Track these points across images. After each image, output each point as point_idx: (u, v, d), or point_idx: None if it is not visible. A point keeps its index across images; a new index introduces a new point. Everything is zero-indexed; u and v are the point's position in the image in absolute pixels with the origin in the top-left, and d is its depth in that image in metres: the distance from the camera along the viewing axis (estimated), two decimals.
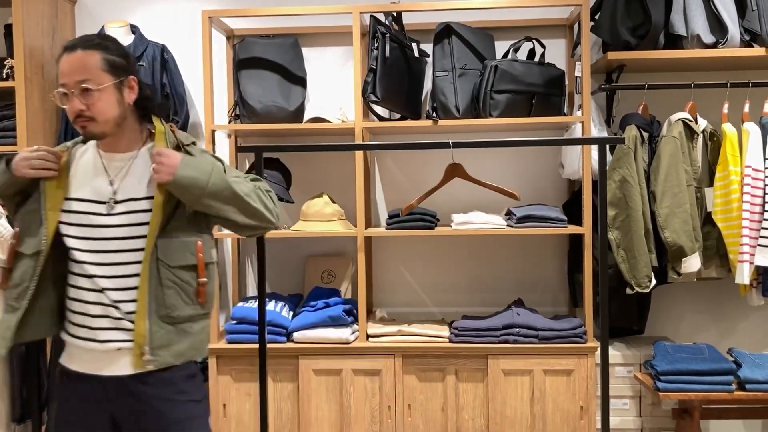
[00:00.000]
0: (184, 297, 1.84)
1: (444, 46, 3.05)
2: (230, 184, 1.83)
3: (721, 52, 2.95)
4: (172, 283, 1.82)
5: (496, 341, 2.93)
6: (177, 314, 1.82)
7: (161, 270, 1.80)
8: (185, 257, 1.83)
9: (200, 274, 1.85)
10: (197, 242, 1.85)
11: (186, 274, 1.84)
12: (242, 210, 1.86)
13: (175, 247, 1.82)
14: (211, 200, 1.81)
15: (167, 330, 1.81)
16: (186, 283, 1.84)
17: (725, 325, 3.34)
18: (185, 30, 3.42)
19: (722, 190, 2.96)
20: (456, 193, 3.14)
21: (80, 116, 1.79)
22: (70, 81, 1.78)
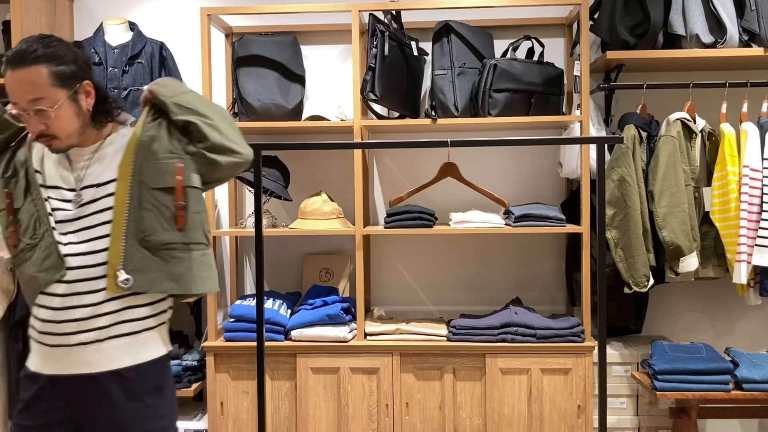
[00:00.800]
0: (163, 222, 1.77)
1: (443, 44, 3.05)
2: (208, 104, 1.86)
3: (719, 52, 2.95)
4: (151, 205, 1.76)
5: (493, 340, 2.93)
6: (153, 239, 1.76)
7: (143, 192, 1.76)
8: (164, 179, 1.77)
9: (177, 196, 1.78)
10: (177, 164, 1.79)
11: (165, 196, 1.78)
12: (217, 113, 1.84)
13: (157, 169, 1.77)
14: (187, 102, 1.80)
15: (144, 254, 1.75)
16: (164, 207, 1.77)
17: (723, 325, 3.35)
18: (184, 27, 3.42)
19: (720, 190, 2.97)
20: (454, 192, 3.15)
21: (42, 136, 1.74)
22: (21, 101, 1.70)
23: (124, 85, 3.16)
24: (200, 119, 1.81)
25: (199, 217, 1.85)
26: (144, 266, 1.75)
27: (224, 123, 1.86)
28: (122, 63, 3.18)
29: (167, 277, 1.78)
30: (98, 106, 1.81)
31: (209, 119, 1.82)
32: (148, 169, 1.77)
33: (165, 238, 1.78)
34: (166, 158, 1.79)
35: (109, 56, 3.18)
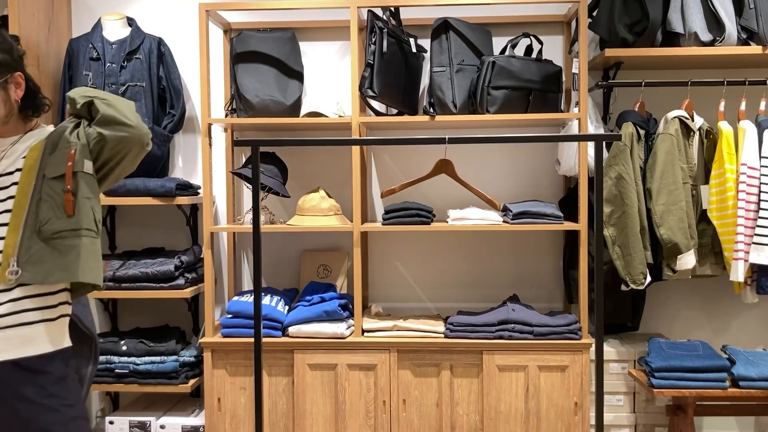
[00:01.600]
0: (56, 210, 1.76)
1: (441, 41, 3.04)
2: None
3: (718, 50, 2.95)
4: (47, 195, 1.77)
5: (491, 337, 2.93)
6: (47, 227, 1.75)
7: (43, 184, 1.77)
8: (59, 167, 1.79)
9: (67, 181, 1.77)
10: (70, 150, 1.80)
11: (58, 184, 1.78)
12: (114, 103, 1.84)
13: (55, 160, 1.79)
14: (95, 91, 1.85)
15: (40, 246, 1.74)
16: (57, 195, 1.77)
17: (719, 323, 3.35)
18: (182, 23, 3.41)
19: (718, 188, 2.97)
20: (452, 189, 3.14)
21: None
22: None
23: (122, 80, 3.16)
24: (98, 99, 1.84)
25: (90, 203, 1.83)
26: (39, 258, 1.73)
27: (121, 103, 1.87)
28: (120, 58, 3.17)
29: (59, 267, 1.76)
30: (27, 100, 1.84)
31: (106, 99, 1.85)
32: (49, 161, 1.80)
33: (57, 226, 1.76)
34: (63, 148, 1.81)
35: (107, 52, 3.18)
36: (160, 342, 3.14)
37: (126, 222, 3.47)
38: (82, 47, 3.21)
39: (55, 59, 3.27)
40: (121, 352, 3.10)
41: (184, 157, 3.45)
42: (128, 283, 3.08)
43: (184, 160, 3.45)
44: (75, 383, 1.86)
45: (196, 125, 3.41)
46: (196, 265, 3.25)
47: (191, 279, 3.17)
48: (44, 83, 3.20)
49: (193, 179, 3.40)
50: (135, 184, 3.10)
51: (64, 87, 3.23)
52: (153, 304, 3.40)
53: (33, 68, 3.13)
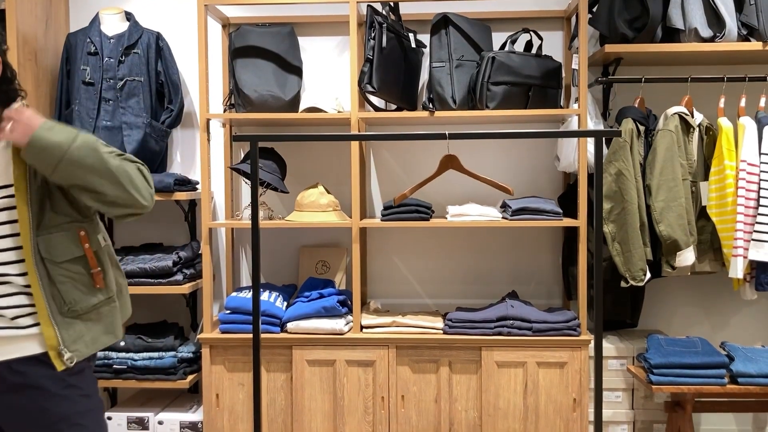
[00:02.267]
0: (82, 288, 1.76)
1: (441, 36, 3.03)
2: (98, 150, 1.67)
3: (718, 46, 2.95)
4: (65, 278, 1.74)
5: (489, 333, 2.93)
6: (80, 307, 1.76)
7: (50, 268, 1.72)
8: (71, 250, 1.75)
9: (92, 265, 1.77)
10: (79, 232, 1.76)
11: (76, 266, 1.76)
12: (110, 181, 1.69)
13: (58, 242, 1.73)
14: (74, 167, 1.63)
15: (75, 324, 1.75)
16: (79, 275, 1.76)
17: (718, 319, 3.35)
18: (181, 18, 3.40)
19: (717, 185, 2.97)
20: (451, 185, 3.14)
21: None
22: None
23: (120, 75, 3.14)
24: (95, 200, 1.72)
25: (112, 270, 1.86)
26: (79, 334, 1.75)
27: (117, 188, 1.71)
28: (118, 53, 3.16)
29: (103, 332, 1.81)
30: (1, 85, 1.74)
31: (104, 195, 1.71)
32: (48, 243, 1.71)
33: (91, 301, 1.78)
34: (63, 227, 1.74)
35: (105, 46, 3.16)
36: (159, 338, 3.13)
37: None
38: (80, 42, 3.20)
39: (52, 54, 3.26)
40: (119, 347, 3.09)
41: (183, 152, 3.44)
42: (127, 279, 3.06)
43: (183, 156, 3.44)
44: (92, 375, 1.87)
45: (195, 120, 3.40)
46: (194, 260, 3.25)
47: (189, 275, 3.16)
48: (42, 78, 3.19)
49: (192, 175, 3.39)
50: None
51: (61, 81, 3.22)
52: (151, 299, 3.39)
53: (31, 62, 3.12)
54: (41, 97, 3.20)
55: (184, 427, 3.10)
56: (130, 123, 3.14)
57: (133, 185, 1.73)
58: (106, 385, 3.20)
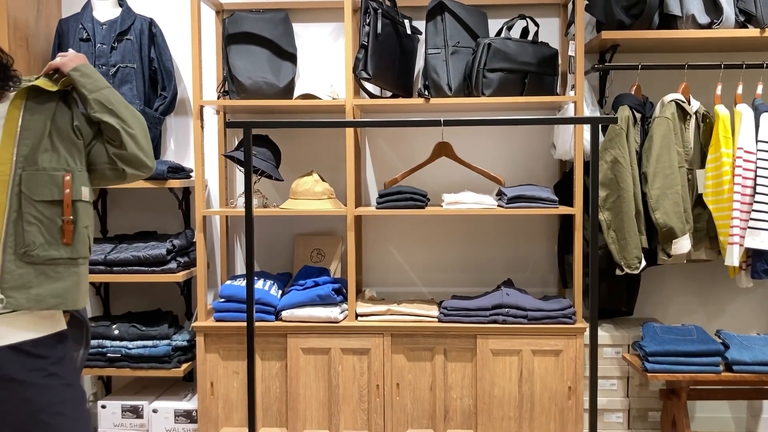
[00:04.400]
0: (47, 236, 1.72)
1: (437, 23, 3.01)
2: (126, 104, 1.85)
3: (715, 33, 2.93)
4: (34, 218, 1.71)
5: (485, 321, 2.92)
6: (37, 253, 1.70)
7: (23, 204, 1.70)
8: (51, 191, 1.73)
9: (65, 211, 1.74)
10: (65, 176, 1.75)
11: (49, 210, 1.73)
12: (139, 125, 1.85)
13: (41, 180, 1.72)
14: (115, 97, 1.83)
15: (25, 270, 1.69)
16: (50, 220, 1.73)
17: (714, 307, 3.35)
18: (174, 3, 3.36)
19: (714, 172, 2.96)
20: (447, 173, 3.12)
21: None
22: None
23: (113, 61, 3.11)
24: (120, 124, 1.82)
25: (87, 231, 1.83)
26: (25, 282, 1.70)
27: (141, 132, 1.86)
28: (111, 39, 3.12)
29: (52, 294, 1.73)
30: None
31: (129, 127, 1.83)
32: (31, 179, 1.72)
33: (51, 253, 1.73)
34: (51, 169, 1.74)
35: (97, 32, 3.13)
36: (153, 326, 3.12)
37: (118, 205, 3.44)
38: (71, 28, 3.16)
39: (44, 40, 3.22)
40: (113, 336, 3.08)
41: (176, 139, 3.42)
42: (120, 267, 3.05)
43: (176, 143, 3.42)
44: (73, 363, 1.84)
45: (188, 107, 3.38)
46: (188, 248, 3.23)
47: (183, 263, 3.14)
48: (33, 64, 3.16)
49: (185, 162, 3.37)
50: None
51: None
52: (145, 288, 3.38)
53: (22, 49, 3.08)
54: None
55: (178, 415, 3.09)
56: None
57: (148, 141, 1.88)
58: (100, 373, 3.19)
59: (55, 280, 1.74)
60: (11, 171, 1.71)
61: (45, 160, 1.74)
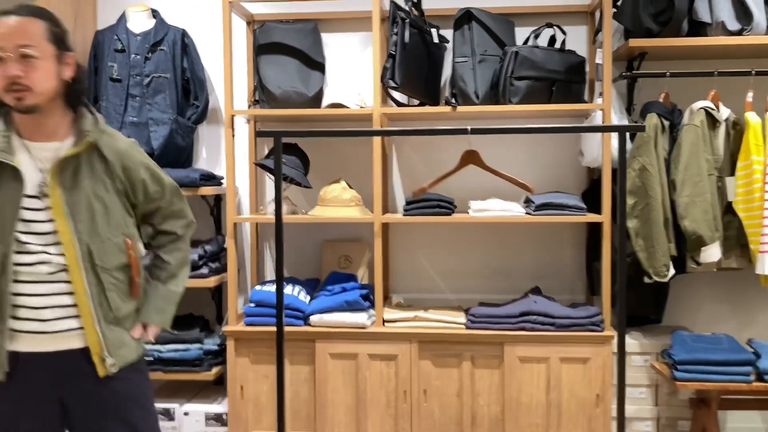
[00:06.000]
0: (123, 296, 1.86)
1: (464, 31, 3.03)
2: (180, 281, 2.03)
3: (746, 40, 2.90)
4: (112, 285, 1.82)
5: (512, 328, 2.93)
6: (121, 314, 1.85)
7: (100, 275, 1.80)
8: (119, 258, 1.84)
9: (134, 273, 1.87)
10: (126, 240, 1.86)
11: (120, 273, 1.85)
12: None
13: (110, 250, 1.82)
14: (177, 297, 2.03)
15: (117, 330, 1.84)
16: (122, 283, 1.86)
17: (745, 316, 3.31)
18: (206, 15, 3.43)
19: (744, 180, 2.93)
20: (474, 180, 3.14)
21: (15, 85, 1.68)
22: (8, 44, 1.67)
23: (147, 71, 3.19)
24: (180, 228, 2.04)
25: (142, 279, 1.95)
26: (121, 341, 1.85)
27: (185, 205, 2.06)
28: (145, 50, 3.20)
29: (135, 343, 1.91)
30: (73, 84, 1.81)
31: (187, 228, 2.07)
32: (98, 250, 1.79)
33: (130, 308, 1.89)
34: (114, 236, 1.83)
35: (131, 43, 3.21)
36: (184, 330, 3.18)
37: None
38: (107, 39, 3.25)
39: (80, 51, 3.31)
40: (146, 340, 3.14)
41: (208, 148, 3.49)
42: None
43: (208, 151, 3.48)
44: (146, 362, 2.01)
45: (220, 116, 3.44)
46: (219, 254, 3.29)
47: (215, 268, 3.20)
48: None
49: (217, 170, 3.43)
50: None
51: (89, 78, 3.27)
52: None
53: None
54: None
55: (209, 418, 3.15)
56: (157, 119, 3.18)
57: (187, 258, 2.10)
58: None
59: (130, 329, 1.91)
60: (76, 248, 1.77)
61: (107, 230, 1.82)
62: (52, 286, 1.76)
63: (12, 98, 1.71)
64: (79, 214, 1.77)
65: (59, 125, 1.80)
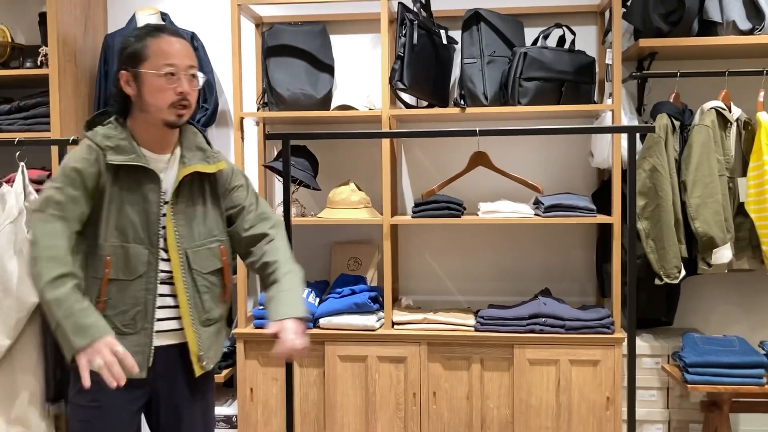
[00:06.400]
0: (215, 299, 1.94)
1: (472, 33, 3.03)
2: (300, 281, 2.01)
3: (757, 39, 2.88)
4: (206, 288, 1.91)
5: (522, 330, 2.92)
6: (213, 316, 1.94)
7: (196, 278, 1.89)
8: (213, 263, 1.92)
9: (226, 278, 1.96)
10: (220, 246, 1.94)
11: (214, 277, 1.93)
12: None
13: (206, 255, 1.91)
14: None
15: (208, 333, 1.93)
16: (215, 286, 1.94)
17: (757, 318, 3.29)
18: (214, 17, 3.44)
19: (756, 180, 2.90)
20: (483, 182, 3.13)
21: (183, 102, 1.81)
22: (181, 64, 1.81)
23: None
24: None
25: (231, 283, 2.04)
26: (211, 343, 1.95)
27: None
28: None
29: (221, 347, 2.02)
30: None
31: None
32: (196, 256, 1.89)
33: (221, 312, 1.98)
34: (208, 242, 1.92)
35: None
36: None
37: None
38: (117, 42, 3.26)
39: (91, 55, 3.34)
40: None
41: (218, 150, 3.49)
42: None
43: None
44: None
45: (229, 119, 3.45)
46: None
47: None
48: (81, 78, 3.27)
49: None
50: None
51: (99, 82, 3.29)
52: None
53: (70, 63, 3.20)
54: (80, 97, 3.28)
55: (219, 420, 3.15)
56: None
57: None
58: None
59: (220, 332, 2.00)
60: (179, 252, 1.87)
61: (203, 235, 1.91)
62: (162, 287, 1.87)
63: (174, 113, 1.82)
64: (181, 220, 1.87)
65: (174, 138, 1.92)
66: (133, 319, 1.82)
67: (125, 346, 1.71)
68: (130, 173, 1.82)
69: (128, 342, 1.79)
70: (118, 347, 1.66)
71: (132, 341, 1.81)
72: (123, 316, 1.82)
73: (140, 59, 1.79)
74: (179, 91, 1.79)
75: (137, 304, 1.82)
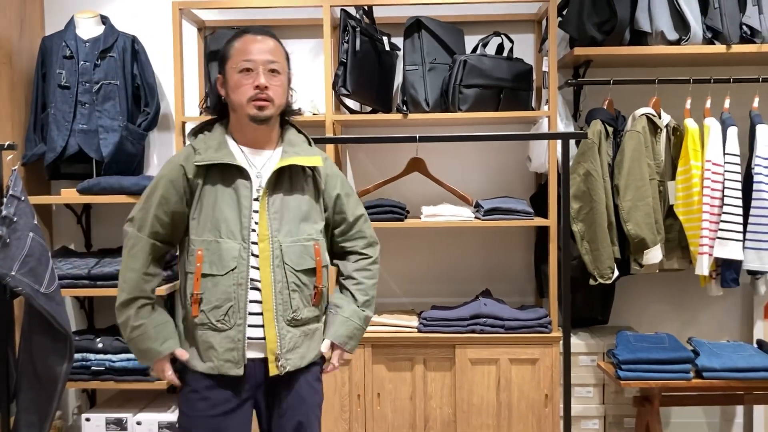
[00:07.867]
0: (304, 300, 1.90)
1: (414, 40, 3.08)
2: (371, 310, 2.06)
3: (683, 49, 3.02)
4: (296, 286, 1.88)
5: (463, 331, 2.98)
6: (300, 317, 1.89)
7: (288, 274, 1.86)
8: (306, 261, 1.90)
9: (319, 280, 1.92)
10: (315, 245, 1.91)
11: (306, 277, 1.90)
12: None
13: (301, 251, 1.89)
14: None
15: (293, 334, 1.88)
16: (306, 286, 1.90)
17: (688, 315, 3.43)
18: (156, 21, 3.41)
19: (684, 184, 3.04)
20: (426, 186, 3.19)
21: (261, 95, 1.84)
22: (258, 59, 1.85)
23: (96, 78, 3.16)
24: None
25: (326, 290, 1.98)
26: (295, 344, 1.89)
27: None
28: (94, 57, 3.17)
29: (312, 349, 1.94)
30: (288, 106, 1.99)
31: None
32: (290, 251, 1.87)
33: (308, 314, 1.92)
34: (303, 239, 1.90)
35: (80, 50, 3.17)
36: None
37: (101, 220, 3.47)
38: (55, 45, 3.21)
39: (27, 57, 3.27)
40: (97, 349, 3.11)
41: (159, 154, 3.46)
42: (103, 281, 3.08)
43: (159, 158, 3.46)
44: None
45: (171, 123, 3.42)
46: (171, 263, 3.26)
47: (167, 277, 3.18)
48: (17, 81, 3.20)
49: None
50: (110, 183, 3.09)
51: (37, 85, 3.23)
52: None
53: (5, 66, 3.12)
54: (16, 100, 3.21)
55: (162, 427, 3.12)
56: (107, 126, 3.15)
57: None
58: (85, 386, 3.22)
59: (310, 337, 1.94)
60: (270, 244, 1.85)
61: (303, 231, 1.90)
62: (253, 283, 1.86)
63: (254, 107, 1.85)
64: (277, 213, 1.87)
65: (273, 136, 1.95)
66: (226, 314, 1.83)
67: (219, 342, 1.82)
68: (221, 171, 1.86)
69: (223, 338, 1.83)
70: (167, 372, 1.89)
71: (226, 337, 1.83)
72: (217, 312, 1.83)
73: (225, 60, 1.89)
74: (256, 84, 1.83)
75: (229, 300, 1.83)
